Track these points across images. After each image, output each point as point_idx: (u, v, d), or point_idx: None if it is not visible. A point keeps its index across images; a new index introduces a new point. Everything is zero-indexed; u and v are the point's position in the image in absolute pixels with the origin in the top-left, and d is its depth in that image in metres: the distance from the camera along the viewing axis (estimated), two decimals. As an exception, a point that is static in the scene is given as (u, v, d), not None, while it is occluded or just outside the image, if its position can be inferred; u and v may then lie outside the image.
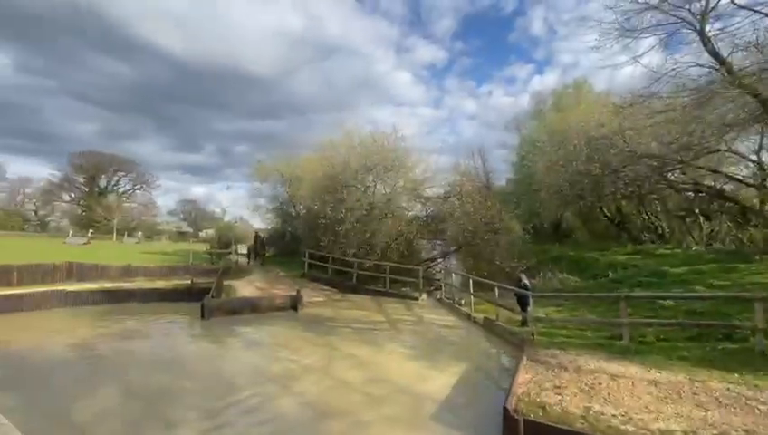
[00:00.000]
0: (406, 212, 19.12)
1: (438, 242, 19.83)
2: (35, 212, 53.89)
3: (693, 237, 17.35)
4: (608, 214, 21.55)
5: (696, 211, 17.36)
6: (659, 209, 19.37)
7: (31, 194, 53.71)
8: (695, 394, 5.03)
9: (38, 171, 71.30)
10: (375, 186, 18.01)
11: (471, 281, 11.71)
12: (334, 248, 16.75)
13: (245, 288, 14.33)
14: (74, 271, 14.14)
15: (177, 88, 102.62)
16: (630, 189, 16.97)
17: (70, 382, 6.38)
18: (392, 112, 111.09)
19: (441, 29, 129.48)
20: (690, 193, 16.97)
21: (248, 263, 20.90)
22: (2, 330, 9.48)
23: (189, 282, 14.08)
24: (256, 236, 22.81)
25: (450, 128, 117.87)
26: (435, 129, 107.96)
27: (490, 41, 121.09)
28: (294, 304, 12.28)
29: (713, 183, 15.47)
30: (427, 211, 19.64)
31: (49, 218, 54.39)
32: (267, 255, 22.03)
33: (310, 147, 23.65)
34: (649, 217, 19.48)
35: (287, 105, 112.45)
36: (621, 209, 21.15)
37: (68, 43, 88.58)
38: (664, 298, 8.91)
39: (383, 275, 14.83)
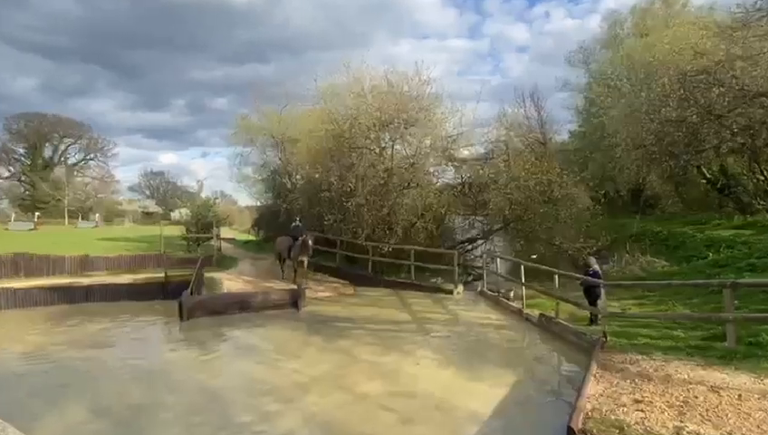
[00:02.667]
0: (435, 180, 19.06)
1: (478, 218, 19.73)
2: (-36, 192, 56.11)
3: (831, 205, 16.69)
4: (708, 175, 20.86)
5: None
6: (782, 168, 18.61)
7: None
8: (825, 411, 4.96)
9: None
10: (393, 147, 17.91)
11: (522, 268, 11.67)
12: (343, 229, 16.90)
13: (232, 282, 14.70)
14: (21, 264, 14.80)
15: (138, 28, 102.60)
16: (741, 141, 16.30)
17: (25, 399, 6.76)
18: (414, 47, 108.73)
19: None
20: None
21: (282, 273, 16.51)
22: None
23: (162, 275, 14.54)
24: (304, 237, 15.85)
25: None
26: (472, 67, 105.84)
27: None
28: (295, 300, 12.55)
29: None
30: (462, 178, 19.49)
31: (-16, 199, 56.64)
32: (256, 239, 17.44)
33: (307, 98, 23.34)
34: (766, 179, 18.77)
35: (277, 42, 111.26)
36: (726, 169, 20.41)
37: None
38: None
39: (407, 262, 14.95)
